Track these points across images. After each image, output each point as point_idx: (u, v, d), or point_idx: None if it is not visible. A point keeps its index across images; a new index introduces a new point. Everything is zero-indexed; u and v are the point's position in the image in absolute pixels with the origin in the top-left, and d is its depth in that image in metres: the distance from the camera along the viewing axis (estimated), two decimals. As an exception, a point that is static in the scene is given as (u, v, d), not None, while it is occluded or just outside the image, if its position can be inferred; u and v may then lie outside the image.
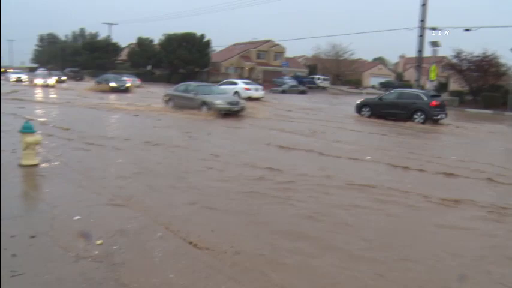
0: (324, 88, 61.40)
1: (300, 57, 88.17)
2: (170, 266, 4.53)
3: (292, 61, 74.34)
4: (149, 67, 66.35)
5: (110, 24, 74.09)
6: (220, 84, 31.60)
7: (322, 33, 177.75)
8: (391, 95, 21.79)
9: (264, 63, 69.63)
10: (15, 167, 8.25)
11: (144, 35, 73.80)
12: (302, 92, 47.95)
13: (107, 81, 37.50)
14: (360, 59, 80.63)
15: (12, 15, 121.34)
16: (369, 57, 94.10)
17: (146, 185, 7.54)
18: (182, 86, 22.41)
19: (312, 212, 6.37)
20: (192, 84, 22.39)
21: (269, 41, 71.33)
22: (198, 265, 4.57)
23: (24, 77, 50.85)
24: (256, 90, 32.57)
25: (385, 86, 61.10)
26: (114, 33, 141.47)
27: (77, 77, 59.19)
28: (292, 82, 51.75)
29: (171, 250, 4.93)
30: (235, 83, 33.05)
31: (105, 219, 5.82)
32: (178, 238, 5.25)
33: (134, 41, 75.21)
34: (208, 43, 64.77)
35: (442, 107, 20.18)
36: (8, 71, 61.69)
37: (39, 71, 56.19)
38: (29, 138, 8.24)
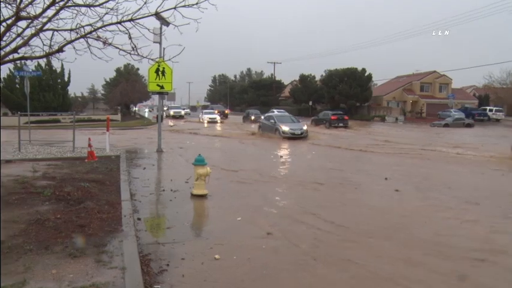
0: (497, 120, 56.00)
1: (468, 87, 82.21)
2: None
3: (459, 92, 69.65)
4: (310, 103, 68.12)
5: (274, 63, 78.57)
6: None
7: (495, 60, 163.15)
8: None
9: (428, 95, 66.48)
10: (188, 197, 9.38)
11: (306, 72, 76.52)
12: (468, 126, 44.75)
13: None
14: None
15: (191, 60, 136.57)
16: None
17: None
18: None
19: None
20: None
21: (434, 72, 68.03)
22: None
23: (218, 117, 48.66)
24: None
25: None
26: (277, 71, 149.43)
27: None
28: (458, 115, 48.44)
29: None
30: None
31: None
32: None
33: (296, 78, 78.38)
34: (369, 77, 64.38)
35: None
36: (203, 110, 61.02)
37: (252, 110, 52.84)
38: (200, 170, 9.31)
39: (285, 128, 26.38)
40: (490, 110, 58.14)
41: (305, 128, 27.58)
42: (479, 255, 6.21)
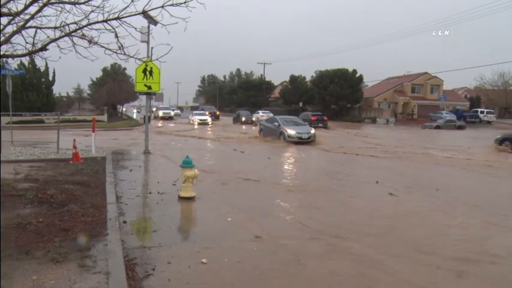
0: (488, 122, 56.37)
1: (460, 89, 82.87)
2: None
3: (451, 94, 70.13)
4: (301, 104, 68.09)
5: (264, 63, 78.56)
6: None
7: (486, 62, 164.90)
8: None
9: (419, 97, 66.80)
10: (175, 199, 9.23)
11: (296, 73, 76.42)
12: (460, 128, 45.09)
13: None
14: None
15: (179, 61, 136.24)
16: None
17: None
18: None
19: None
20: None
21: (425, 73, 68.37)
22: None
23: (208, 119, 46.65)
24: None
25: None
26: (268, 72, 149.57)
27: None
28: (450, 116, 48.85)
29: None
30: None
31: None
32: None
33: (287, 78, 78.28)
34: (360, 78, 64.37)
35: None
36: (193, 111, 60.20)
37: (243, 111, 53.37)
38: (188, 172, 9.15)
39: (291, 131, 24.09)
40: (482, 112, 58.57)
41: (313, 131, 24.97)
42: (471, 258, 6.16)
